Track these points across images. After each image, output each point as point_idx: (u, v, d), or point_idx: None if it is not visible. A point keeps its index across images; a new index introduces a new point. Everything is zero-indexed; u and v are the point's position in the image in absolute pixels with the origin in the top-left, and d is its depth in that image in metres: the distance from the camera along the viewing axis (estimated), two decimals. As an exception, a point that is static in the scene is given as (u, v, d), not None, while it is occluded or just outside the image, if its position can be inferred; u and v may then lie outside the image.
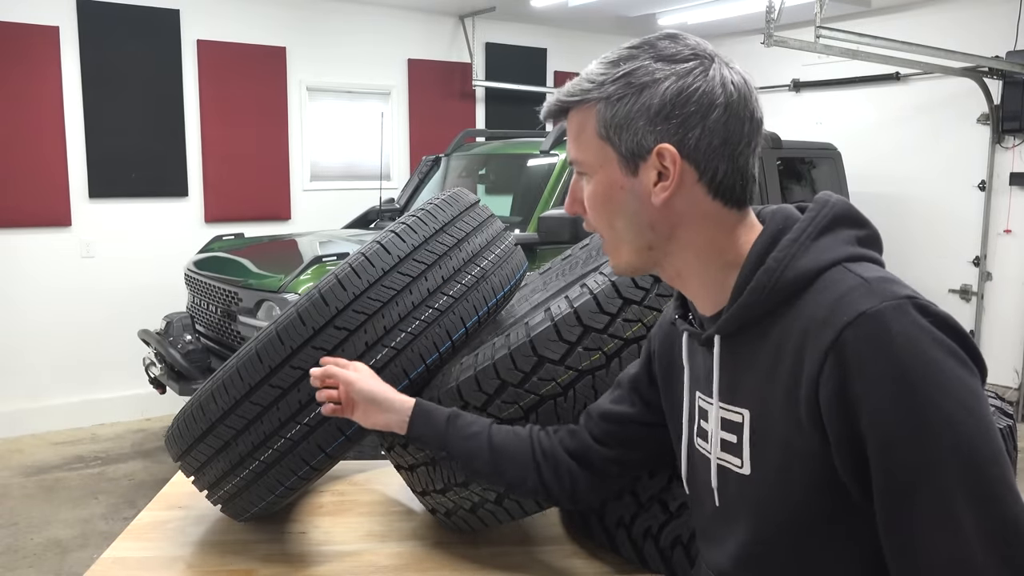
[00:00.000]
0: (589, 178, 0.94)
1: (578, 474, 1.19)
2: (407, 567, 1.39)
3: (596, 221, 0.96)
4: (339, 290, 1.32)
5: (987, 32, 5.27)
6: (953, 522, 0.75)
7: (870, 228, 0.90)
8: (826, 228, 0.88)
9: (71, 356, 4.95)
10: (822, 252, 0.86)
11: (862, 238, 0.89)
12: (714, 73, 0.88)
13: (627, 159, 0.90)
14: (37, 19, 4.68)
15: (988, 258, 5.45)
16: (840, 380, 0.78)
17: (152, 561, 1.41)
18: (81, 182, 4.91)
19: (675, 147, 0.88)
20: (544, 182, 4.28)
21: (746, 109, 0.89)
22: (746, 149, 0.90)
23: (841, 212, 0.89)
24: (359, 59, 5.86)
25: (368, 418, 1.26)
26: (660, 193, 0.89)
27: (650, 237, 0.93)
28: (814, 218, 0.88)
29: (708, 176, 0.89)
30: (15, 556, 3.31)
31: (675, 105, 0.87)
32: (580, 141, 0.94)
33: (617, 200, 0.92)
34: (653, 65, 0.88)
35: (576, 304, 1.28)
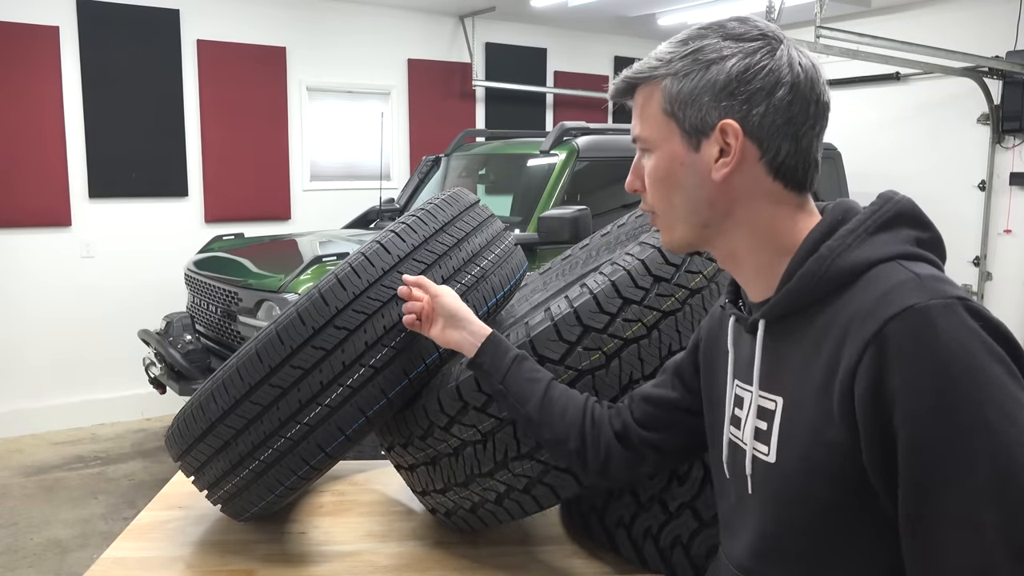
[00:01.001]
0: (651, 154, 0.95)
1: (616, 450, 1.18)
2: (407, 567, 1.39)
3: (654, 197, 0.96)
4: (339, 290, 1.32)
5: (987, 32, 5.28)
6: (979, 530, 0.72)
7: (933, 231, 0.89)
8: (886, 224, 0.86)
9: (71, 356, 4.95)
10: (878, 247, 0.84)
11: (923, 240, 0.87)
12: (781, 53, 0.88)
13: (690, 135, 0.91)
14: (37, 19, 4.68)
15: (988, 258, 5.46)
16: (878, 373, 0.76)
17: (152, 561, 1.41)
18: (81, 182, 4.92)
19: (738, 123, 0.88)
20: (544, 182, 4.28)
21: (813, 92, 0.89)
22: (810, 131, 0.90)
23: (904, 211, 0.88)
24: (359, 59, 5.86)
25: (444, 335, 1.27)
26: (721, 169, 0.89)
27: (707, 215, 0.92)
28: (875, 212, 0.87)
29: (770, 155, 0.89)
30: (15, 556, 3.31)
31: (741, 81, 0.87)
32: (645, 117, 0.94)
33: (677, 175, 0.92)
34: (721, 43, 0.89)
35: (576, 304, 1.28)
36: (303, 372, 1.30)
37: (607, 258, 1.92)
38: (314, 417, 1.31)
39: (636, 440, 1.17)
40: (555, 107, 6.86)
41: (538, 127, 6.69)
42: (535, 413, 1.19)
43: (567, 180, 4.23)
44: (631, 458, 1.18)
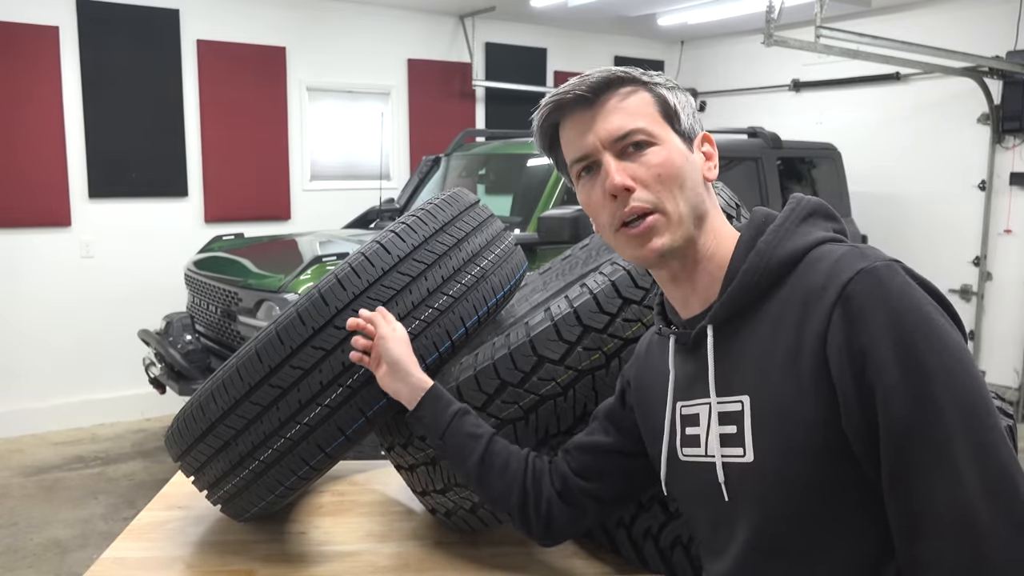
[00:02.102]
0: (651, 147, 0.96)
1: (557, 506, 1.20)
2: (407, 567, 1.39)
3: (659, 191, 0.95)
4: (339, 290, 1.32)
5: (987, 32, 5.27)
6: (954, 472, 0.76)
7: (840, 224, 0.96)
8: (805, 217, 0.94)
9: (71, 356, 4.95)
10: (806, 235, 0.92)
11: (836, 230, 0.95)
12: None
13: (684, 138, 0.99)
14: (37, 19, 4.68)
15: (988, 258, 5.45)
16: (847, 332, 0.81)
17: (152, 561, 1.41)
18: (81, 182, 4.92)
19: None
20: (544, 182, 4.28)
21: None
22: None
23: (816, 207, 0.96)
24: (359, 59, 5.86)
25: (385, 380, 1.27)
26: (713, 170, 1.00)
27: (701, 212, 0.98)
28: (794, 209, 0.96)
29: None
30: (15, 556, 3.31)
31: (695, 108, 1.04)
32: (642, 114, 0.97)
33: (686, 170, 0.97)
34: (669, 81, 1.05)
35: (576, 304, 1.28)
36: (303, 372, 1.30)
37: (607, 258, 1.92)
38: (314, 417, 1.31)
39: (576, 492, 1.18)
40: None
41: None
42: (475, 468, 1.21)
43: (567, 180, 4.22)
44: (572, 513, 1.20)
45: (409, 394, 1.26)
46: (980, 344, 5.54)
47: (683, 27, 6.53)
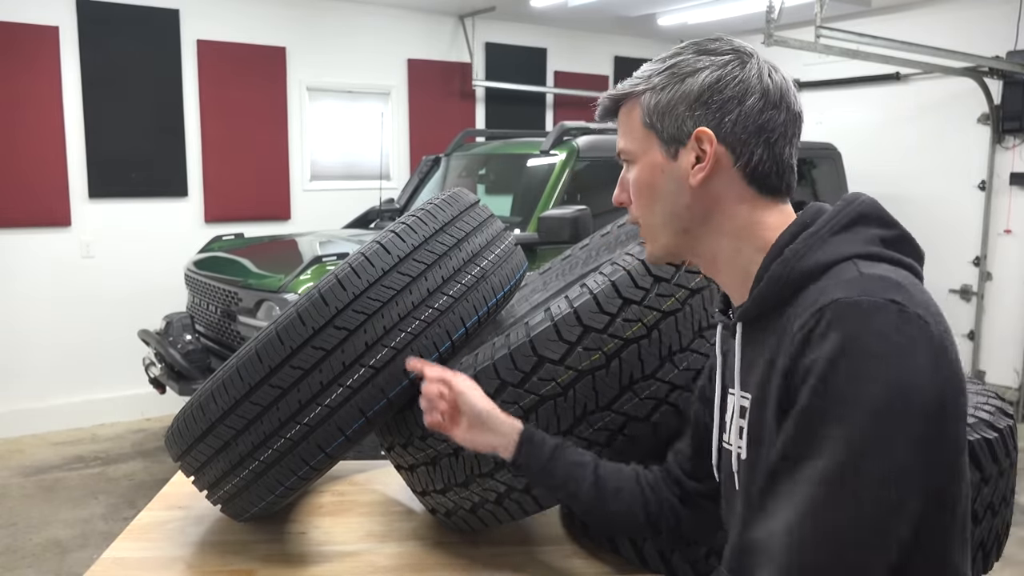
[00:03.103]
0: (633, 166, 1.00)
1: (680, 510, 1.19)
2: (407, 567, 1.39)
3: (638, 206, 1.01)
4: (339, 290, 1.32)
5: (987, 32, 5.27)
6: (801, 509, 0.78)
7: (898, 229, 0.91)
8: (847, 225, 0.89)
9: (71, 356, 4.95)
10: (837, 247, 0.87)
11: (887, 238, 0.89)
12: (751, 66, 0.94)
13: (668, 144, 0.96)
14: (37, 19, 4.68)
15: (988, 258, 5.45)
16: (800, 354, 0.81)
17: (152, 561, 1.41)
18: (81, 182, 4.91)
19: (712, 130, 0.93)
20: (544, 182, 4.28)
21: (783, 101, 0.95)
22: (782, 139, 0.95)
23: (866, 211, 0.91)
24: (359, 59, 5.85)
25: (471, 437, 1.22)
26: (697, 174, 0.94)
27: (686, 220, 0.97)
28: (836, 214, 0.90)
29: (744, 160, 0.93)
30: (15, 556, 3.31)
31: (713, 91, 0.93)
32: (627, 132, 1.00)
33: (658, 183, 0.97)
34: (695, 58, 0.95)
35: (576, 304, 1.28)
36: (303, 372, 1.30)
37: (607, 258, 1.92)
38: (314, 417, 1.31)
39: (694, 495, 1.18)
40: (555, 107, 6.86)
41: (538, 127, 6.69)
42: (590, 499, 1.19)
43: (567, 180, 4.23)
44: (697, 516, 1.18)
45: (504, 443, 1.21)
46: (980, 344, 5.54)
47: (683, 27, 6.53)
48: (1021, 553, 3.38)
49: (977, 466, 1.33)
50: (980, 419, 1.41)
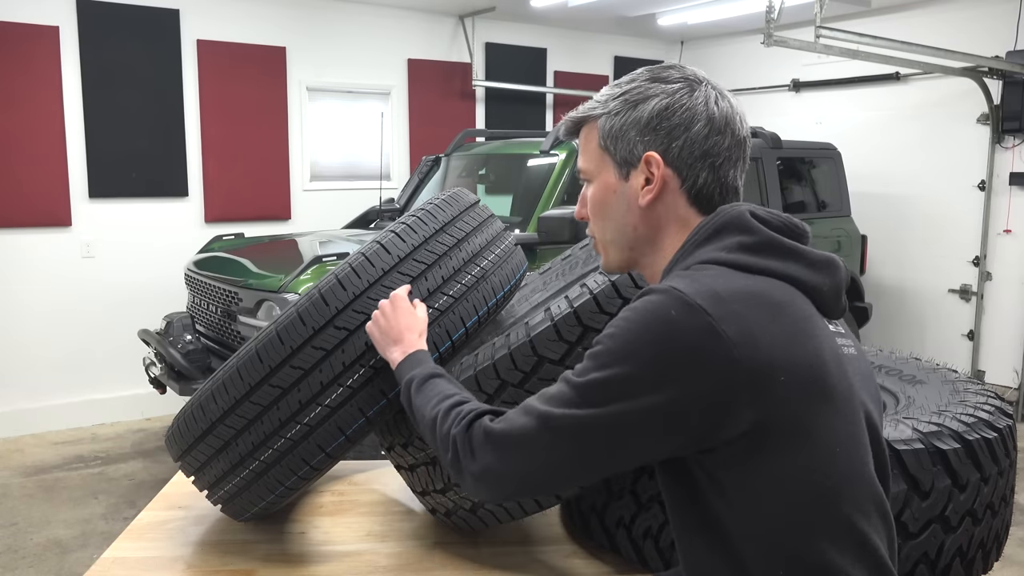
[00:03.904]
0: (590, 184, 1.09)
1: None
2: (407, 567, 1.39)
3: (593, 223, 1.11)
4: (339, 290, 1.33)
5: (987, 32, 5.27)
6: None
7: (759, 235, 0.96)
8: (709, 237, 0.98)
9: (71, 356, 4.95)
10: (695, 257, 0.97)
11: (748, 244, 0.96)
12: (699, 93, 1.01)
13: (621, 166, 1.04)
14: (37, 19, 4.68)
15: (988, 258, 5.45)
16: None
17: (152, 561, 1.41)
18: (81, 182, 4.91)
19: (660, 155, 1.01)
20: (544, 182, 4.28)
21: (728, 127, 1.02)
22: (727, 163, 1.02)
23: (728, 220, 0.98)
24: (359, 59, 5.85)
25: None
26: (646, 195, 1.02)
27: (632, 238, 1.06)
28: (701, 228, 1.00)
29: (690, 183, 1.01)
30: (15, 556, 3.31)
31: (662, 118, 1.01)
32: (586, 152, 1.09)
33: (610, 202, 1.06)
34: (647, 85, 1.03)
35: (576, 304, 1.28)
36: (303, 372, 1.30)
37: (607, 258, 1.92)
38: (314, 417, 1.31)
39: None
40: (555, 107, 6.85)
41: (538, 127, 6.69)
42: None
43: (567, 180, 4.23)
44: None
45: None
46: (980, 344, 5.54)
47: (683, 27, 6.53)
48: (1021, 553, 3.38)
49: (977, 466, 1.33)
50: (980, 419, 1.41)
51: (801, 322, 0.92)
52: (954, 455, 1.31)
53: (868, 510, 0.93)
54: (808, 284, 0.95)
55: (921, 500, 1.28)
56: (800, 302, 0.94)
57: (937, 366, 1.86)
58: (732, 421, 0.87)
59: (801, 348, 0.90)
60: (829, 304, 0.98)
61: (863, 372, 1.01)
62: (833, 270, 0.98)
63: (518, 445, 0.96)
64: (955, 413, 1.44)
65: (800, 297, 0.95)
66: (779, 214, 1.00)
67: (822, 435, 0.90)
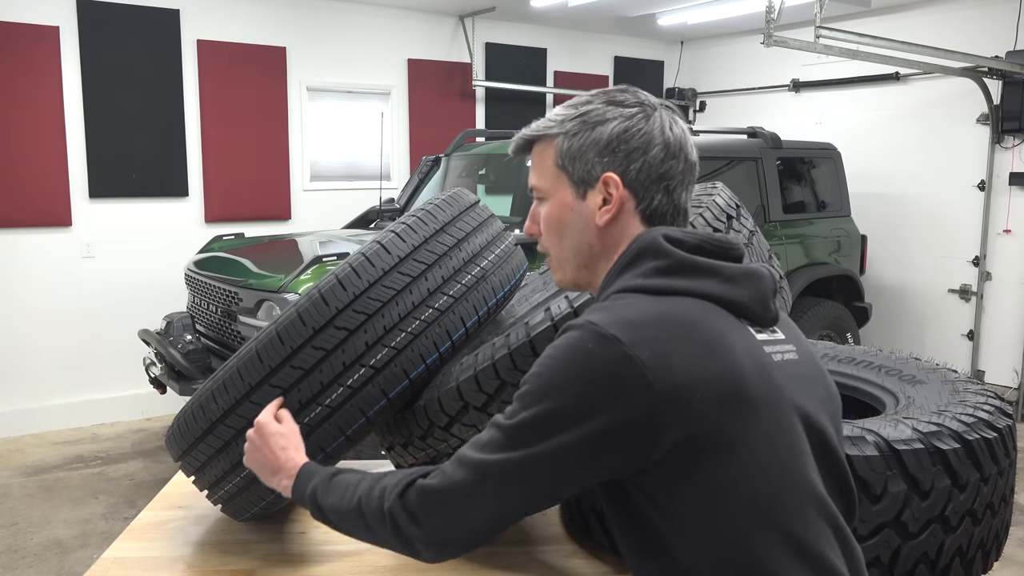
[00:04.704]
0: (545, 202, 1.10)
1: None
2: (407, 567, 1.39)
3: (547, 240, 1.11)
4: (339, 290, 1.33)
5: (987, 32, 5.27)
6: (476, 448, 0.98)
7: (673, 257, 0.99)
8: (627, 264, 1.02)
9: (71, 356, 4.95)
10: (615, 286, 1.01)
11: (662, 267, 0.99)
12: (655, 119, 1.04)
13: (578, 185, 1.06)
14: (37, 19, 4.68)
15: (988, 258, 5.45)
16: None
17: (152, 561, 1.41)
18: (81, 182, 4.92)
19: (618, 176, 1.03)
20: (544, 182, 4.27)
21: (682, 151, 1.05)
22: (680, 186, 1.05)
23: (643, 247, 1.01)
24: (359, 59, 5.86)
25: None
26: (604, 215, 1.04)
27: (587, 256, 1.07)
28: (620, 256, 1.04)
29: (645, 204, 1.04)
30: (15, 556, 3.31)
31: (620, 140, 1.03)
32: (541, 170, 1.10)
33: (566, 220, 1.07)
34: (605, 108, 1.05)
35: (576, 304, 1.28)
36: (303, 372, 1.30)
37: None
38: (314, 417, 1.31)
39: None
40: (555, 107, 6.85)
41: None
42: None
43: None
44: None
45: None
46: (979, 344, 5.55)
47: (683, 27, 6.53)
48: (1021, 553, 3.38)
49: (977, 466, 1.33)
50: (979, 419, 1.41)
51: (716, 338, 0.93)
52: (954, 455, 1.31)
53: (809, 517, 0.93)
54: (724, 298, 0.97)
55: (921, 500, 1.28)
56: (715, 317, 0.96)
57: (937, 366, 1.86)
58: (657, 442, 0.89)
59: (716, 363, 0.91)
60: (755, 314, 1.00)
61: (804, 376, 1.01)
62: (754, 281, 1.00)
63: (461, 498, 0.97)
64: (955, 413, 1.43)
65: (716, 312, 0.96)
66: (697, 233, 1.03)
67: (747, 446, 0.91)
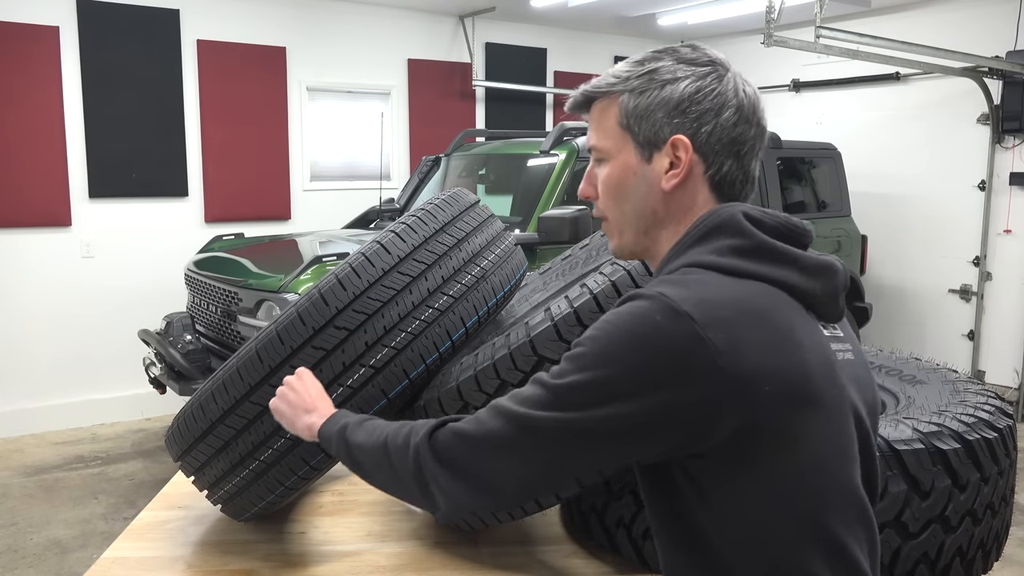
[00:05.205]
0: (605, 163, 1.03)
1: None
2: (407, 567, 1.39)
3: (605, 203, 1.04)
4: (339, 290, 1.33)
5: (987, 32, 5.27)
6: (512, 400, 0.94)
7: (753, 238, 0.94)
8: (700, 238, 0.96)
9: (71, 356, 4.95)
10: (685, 258, 0.95)
11: (739, 248, 0.93)
12: (728, 80, 0.97)
13: (643, 147, 0.99)
14: (37, 19, 4.68)
15: (988, 258, 5.45)
16: None
17: (152, 561, 1.41)
18: (81, 182, 4.91)
19: (688, 139, 0.96)
20: (544, 182, 4.28)
21: (755, 116, 0.98)
22: (750, 152, 0.99)
23: (721, 222, 0.96)
24: (359, 59, 5.85)
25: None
26: (671, 179, 0.98)
27: (650, 222, 1.01)
28: (694, 228, 0.98)
29: (714, 169, 0.98)
30: (15, 556, 3.31)
31: (692, 101, 0.96)
32: (602, 129, 1.03)
33: (629, 184, 1.01)
34: (675, 66, 0.98)
35: (576, 304, 1.28)
36: (303, 372, 1.30)
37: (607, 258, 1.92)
38: (314, 417, 1.31)
39: None
40: (555, 107, 6.86)
41: (538, 127, 6.69)
42: None
43: (567, 180, 4.23)
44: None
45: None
46: (980, 344, 5.54)
47: (683, 27, 6.53)
48: (1021, 553, 3.38)
49: (977, 466, 1.33)
50: (980, 419, 1.41)
51: (786, 330, 0.89)
52: (954, 455, 1.31)
53: (851, 520, 0.92)
54: (800, 289, 0.93)
55: (921, 500, 1.28)
56: (787, 308, 0.92)
57: (937, 366, 1.86)
58: (715, 429, 0.85)
59: (786, 357, 0.88)
60: (825, 309, 0.96)
61: (859, 377, 0.99)
62: (830, 274, 0.96)
63: (492, 448, 0.92)
64: (955, 413, 1.43)
65: (788, 303, 0.92)
66: (776, 215, 0.97)
67: (807, 444, 0.89)
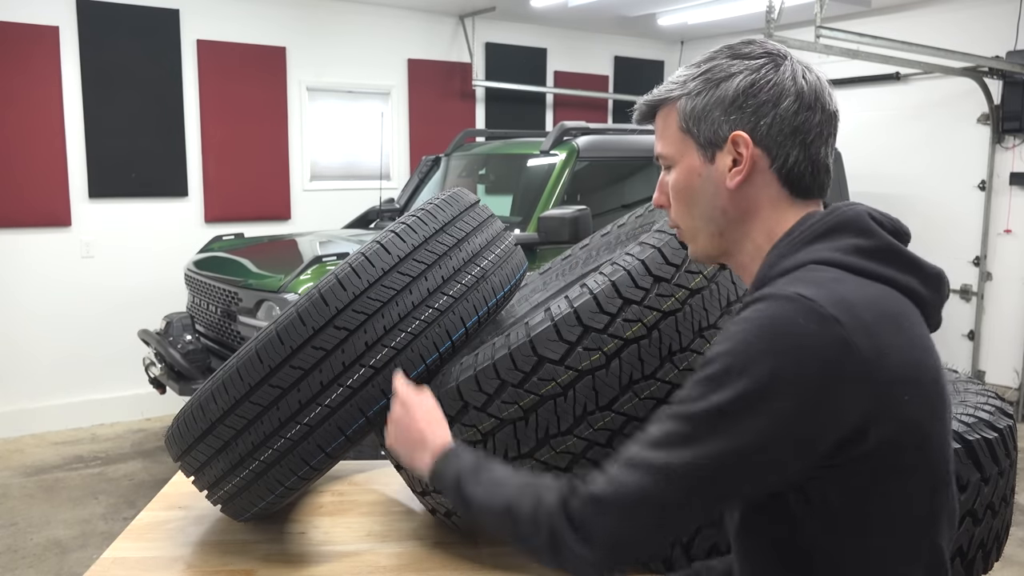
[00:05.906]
0: (672, 170, 1.02)
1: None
2: (407, 567, 1.39)
3: (676, 210, 1.03)
4: (339, 290, 1.32)
5: (987, 32, 5.27)
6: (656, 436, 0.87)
7: (878, 239, 0.92)
8: (824, 234, 0.92)
9: (71, 356, 4.95)
10: (806, 254, 0.91)
11: (865, 248, 0.91)
12: (785, 68, 0.95)
13: (705, 148, 0.98)
14: (37, 19, 4.68)
15: (988, 258, 5.45)
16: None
17: (152, 561, 1.41)
18: (81, 182, 4.91)
19: (748, 134, 0.95)
20: (544, 182, 4.28)
21: (818, 102, 0.95)
22: (818, 139, 0.96)
23: (845, 220, 0.93)
24: (359, 59, 5.85)
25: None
26: (735, 177, 0.96)
27: (722, 223, 0.99)
28: (813, 224, 0.94)
29: (780, 162, 0.95)
30: (15, 556, 3.30)
31: (748, 95, 0.95)
32: (665, 137, 1.02)
33: (695, 187, 0.99)
34: (729, 62, 0.97)
35: (576, 304, 1.28)
36: (303, 372, 1.30)
37: (607, 258, 1.92)
38: (314, 417, 1.31)
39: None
40: (555, 107, 6.86)
41: (538, 127, 6.68)
42: None
43: (567, 180, 4.23)
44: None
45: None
46: (980, 344, 5.54)
47: (683, 27, 6.53)
48: (1021, 553, 3.38)
49: (977, 466, 1.33)
50: (980, 419, 1.41)
51: (919, 337, 0.88)
52: (955, 455, 1.31)
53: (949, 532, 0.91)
54: (919, 295, 0.91)
55: (921, 500, 1.28)
56: (913, 314, 0.90)
57: (937, 366, 1.86)
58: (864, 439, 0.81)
59: (923, 364, 0.86)
60: (932, 318, 0.94)
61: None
62: (942, 285, 0.96)
63: (639, 509, 0.85)
64: (955, 413, 1.43)
65: (913, 309, 0.90)
66: (891, 216, 0.95)
67: (936, 454, 0.86)
